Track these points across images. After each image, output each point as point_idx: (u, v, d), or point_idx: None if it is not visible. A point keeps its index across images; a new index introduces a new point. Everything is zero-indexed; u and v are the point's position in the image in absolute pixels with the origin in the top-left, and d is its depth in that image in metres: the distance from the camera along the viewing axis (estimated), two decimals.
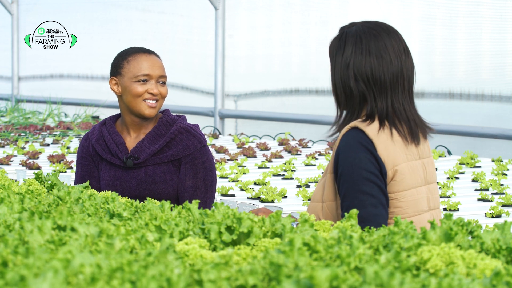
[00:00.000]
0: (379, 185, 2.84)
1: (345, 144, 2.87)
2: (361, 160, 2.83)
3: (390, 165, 2.86)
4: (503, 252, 1.92)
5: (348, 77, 2.91)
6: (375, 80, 2.90)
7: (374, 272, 1.54)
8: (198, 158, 3.62)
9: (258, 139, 8.65)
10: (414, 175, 2.92)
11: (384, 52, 2.91)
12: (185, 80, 11.17)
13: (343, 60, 2.93)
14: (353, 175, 2.83)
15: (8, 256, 1.67)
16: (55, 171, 2.94)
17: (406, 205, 2.89)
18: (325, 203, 2.92)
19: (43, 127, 9.37)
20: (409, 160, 2.91)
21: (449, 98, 8.54)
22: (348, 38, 2.94)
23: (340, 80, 2.94)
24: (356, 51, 2.91)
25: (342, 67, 2.93)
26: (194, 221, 2.18)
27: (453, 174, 6.10)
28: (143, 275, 1.53)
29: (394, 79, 2.91)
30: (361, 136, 2.86)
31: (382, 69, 2.91)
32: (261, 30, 10.36)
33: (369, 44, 2.91)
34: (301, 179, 5.76)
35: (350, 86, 2.91)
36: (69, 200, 2.46)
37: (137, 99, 3.58)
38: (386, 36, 2.93)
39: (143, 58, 3.60)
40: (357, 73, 2.91)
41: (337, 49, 2.96)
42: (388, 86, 2.91)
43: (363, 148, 2.84)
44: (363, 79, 2.90)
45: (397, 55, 2.93)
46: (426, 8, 8.75)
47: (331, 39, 3.01)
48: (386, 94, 2.91)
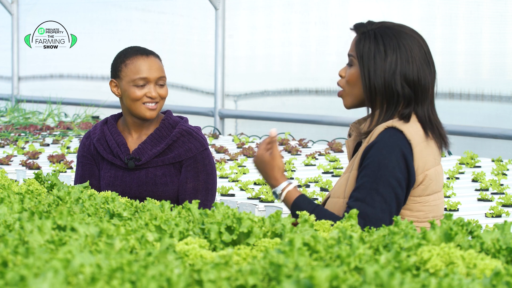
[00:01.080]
0: (396, 193, 2.84)
1: (381, 140, 2.86)
2: (391, 162, 2.83)
3: (422, 169, 2.86)
4: (503, 252, 1.92)
5: (395, 82, 2.92)
6: (422, 87, 2.93)
7: (374, 272, 1.54)
8: (200, 161, 3.62)
9: (258, 139, 8.65)
10: (439, 179, 2.93)
11: (426, 58, 2.96)
12: (185, 80, 11.17)
13: (388, 66, 2.93)
14: (377, 173, 2.83)
15: (8, 256, 1.67)
16: (55, 171, 2.94)
17: (428, 209, 2.90)
18: (346, 199, 2.92)
19: (43, 127, 9.36)
20: (436, 164, 2.92)
21: (449, 98, 8.54)
22: (387, 42, 2.94)
23: (383, 84, 2.93)
24: (402, 57, 2.93)
25: (387, 72, 2.93)
26: (194, 221, 2.18)
27: (453, 174, 6.10)
28: (143, 275, 1.53)
29: (431, 85, 2.97)
30: (400, 137, 2.86)
31: (427, 75, 2.95)
32: (261, 30, 10.36)
33: (412, 50, 2.93)
34: (301, 179, 5.76)
35: (398, 91, 2.92)
36: (69, 200, 2.46)
37: (136, 103, 3.58)
38: (423, 42, 2.97)
39: (141, 61, 3.58)
40: (404, 79, 2.93)
41: (375, 51, 2.95)
42: (428, 91, 2.95)
43: (398, 150, 2.84)
44: (409, 85, 2.92)
45: (433, 61, 2.98)
46: (426, 8, 8.75)
47: (359, 40, 2.98)
48: (427, 100, 2.95)
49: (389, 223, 2.83)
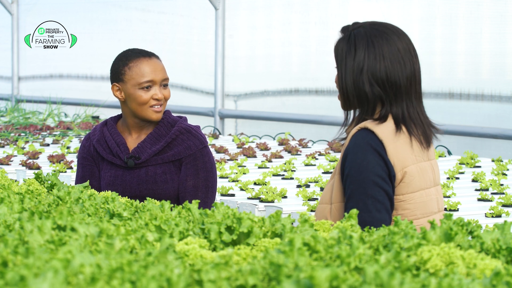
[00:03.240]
0: (385, 189, 2.83)
1: (354, 145, 2.85)
2: (369, 163, 2.82)
3: (399, 167, 2.85)
4: (503, 252, 1.92)
5: (362, 82, 2.89)
6: (391, 84, 2.88)
7: (374, 272, 1.54)
8: (199, 158, 3.62)
9: (258, 139, 8.65)
10: (423, 176, 2.91)
11: (398, 55, 2.90)
12: (185, 80, 11.17)
13: (356, 64, 2.89)
14: (360, 177, 2.82)
15: (8, 256, 1.67)
16: (55, 171, 2.94)
17: (414, 207, 2.89)
18: (333, 204, 2.91)
19: (43, 127, 9.36)
20: (418, 161, 2.89)
21: (449, 98, 8.54)
22: (358, 41, 2.91)
23: (352, 84, 2.91)
24: (370, 56, 2.88)
25: (355, 71, 2.90)
26: (194, 221, 2.18)
27: (453, 174, 6.10)
28: (143, 275, 1.53)
29: (408, 83, 2.90)
30: (371, 137, 2.85)
31: (398, 73, 2.89)
32: (261, 30, 10.36)
33: (382, 48, 2.89)
34: (301, 179, 5.76)
35: (365, 91, 2.89)
36: (69, 200, 2.46)
37: (143, 106, 3.58)
38: (397, 39, 2.91)
39: (144, 63, 3.58)
40: (372, 77, 2.88)
41: (346, 52, 2.92)
42: (404, 90, 2.90)
43: (373, 150, 2.83)
44: (378, 83, 2.88)
45: (409, 58, 2.91)
46: (426, 8, 8.75)
47: (337, 41, 2.97)
48: (402, 98, 2.90)
49: (389, 219, 2.83)
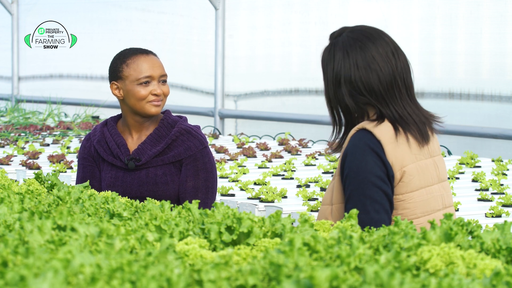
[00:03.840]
0: (384, 190, 2.83)
1: (352, 145, 2.86)
2: (368, 163, 2.82)
3: (398, 167, 2.85)
4: (503, 252, 1.92)
5: (342, 94, 2.90)
6: (369, 91, 2.89)
7: (374, 272, 1.54)
8: (199, 159, 3.62)
9: (258, 139, 8.65)
10: (424, 175, 2.90)
11: (372, 62, 2.89)
12: (185, 80, 11.17)
13: (334, 75, 2.91)
14: (358, 178, 2.82)
15: (8, 256, 1.67)
16: (55, 171, 2.94)
17: (414, 206, 2.88)
18: (334, 205, 2.91)
19: (43, 127, 9.36)
20: (418, 160, 2.89)
21: (449, 98, 8.54)
22: (336, 51, 2.92)
23: (334, 97, 2.93)
24: (345, 66, 2.89)
25: (334, 82, 2.91)
26: (194, 221, 2.18)
27: (453, 174, 6.10)
28: (143, 275, 1.53)
29: (387, 87, 2.89)
30: (369, 138, 2.85)
31: (374, 80, 2.88)
32: (261, 30, 10.36)
33: (356, 57, 2.89)
34: (301, 179, 5.76)
35: (346, 103, 2.90)
36: (69, 200, 2.46)
37: (141, 102, 3.58)
38: (372, 45, 2.90)
39: (142, 59, 3.60)
40: (350, 87, 2.89)
41: (327, 62, 2.94)
42: (384, 94, 2.89)
43: (371, 150, 2.83)
44: (358, 92, 2.89)
45: (386, 62, 2.90)
46: (426, 8, 8.75)
47: (323, 50, 2.99)
48: (386, 102, 2.90)
49: (388, 220, 2.83)
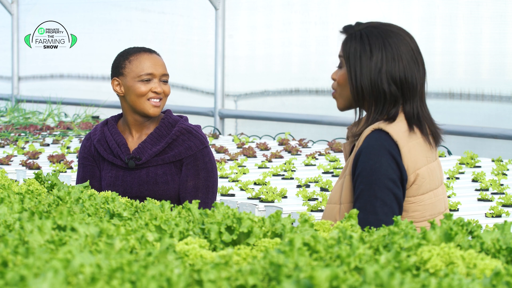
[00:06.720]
0: (395, 193, 2.83)
1: (367, 145, 2.85)
2: (382, 165, 2.82)
3: (412, 169, 2.85)
4: (503, 252, 1.92)
5: (381, 81, 2.91)
6: (408, 84, 2.91)
7: (374, 272, 1.54)
8: (200, 159, 3.62)
9: (258, 139, 8.65)
10: (433, 177, 2.91)
11: (413, 56, 2.94)
12: (185, 80, 11.17)
13: (373, 64, 2.91)
14: (371, 178, 2.82)
15: (8, 256, 1.67)
16: (55, 171, 2.94)
17: (423, 209, 2.89)
18: (343, 204, 2.91)
19: (43, 127, 9.36)
20: (429, 162, 2.90)
21: (449, 98, 8.54)
22: (373, 41, 2.93)
23: (370, 84, 2.92)
24: (388, 56, 2.91)
25: (372, 71, 2.92)
26: (194, 221, 2.18)
27: (453, 174, 6.10)
28: (143, 275, 1.53)
29: (421, 83, 2.94)
30: (386, 139, 2.85)
31: (414, 73, 2.92)
32: (261, 30, 10.36)
33: (398, 48, 2.92)
34: (301, 179, 5.76)
35: (384, 90, 2.90)
36: (69, 200, 2.46)
37: (141, 99, 3.58)
38: (410, 40, 2.96)
39: (145, 57, 3.61)
40: (390, 78, 2.91)
41: (360, 51, 2.94)
42: (418, 90, 2.93)
43: (386, 152, 2.83)
44: (396, 83, 2.91)
45: (421, 59, 2.96)
46: (426, 8, 8.75)
47: (345, 40, 2.98)
48: (416, 98, 2.92)
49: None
